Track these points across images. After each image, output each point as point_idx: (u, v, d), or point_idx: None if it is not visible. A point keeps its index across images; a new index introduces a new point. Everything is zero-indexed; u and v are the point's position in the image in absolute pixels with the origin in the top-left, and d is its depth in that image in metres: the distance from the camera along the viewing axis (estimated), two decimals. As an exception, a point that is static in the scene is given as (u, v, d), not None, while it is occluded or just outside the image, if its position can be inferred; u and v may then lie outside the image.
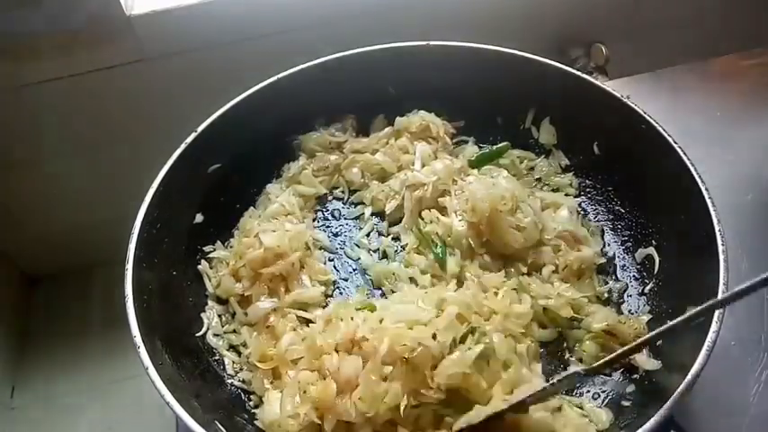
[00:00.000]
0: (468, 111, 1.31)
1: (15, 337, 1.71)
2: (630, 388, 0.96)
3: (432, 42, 1.23)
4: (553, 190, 1.24)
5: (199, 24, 1.35)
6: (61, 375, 1.67)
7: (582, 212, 1.20)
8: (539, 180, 1.26)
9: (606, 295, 1.08)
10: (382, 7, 1.46)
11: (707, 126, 1.42)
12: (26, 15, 1.22)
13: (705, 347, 0.83)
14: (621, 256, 1.14)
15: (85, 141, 1.51)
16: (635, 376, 0.97)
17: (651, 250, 1.10)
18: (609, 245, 1.16)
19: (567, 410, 0.92)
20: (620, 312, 1.06)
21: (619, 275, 1.12)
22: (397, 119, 1.28)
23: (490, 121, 1.31)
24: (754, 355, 1.08)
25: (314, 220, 1.23)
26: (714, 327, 0.84)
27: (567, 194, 1.22)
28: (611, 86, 1.17)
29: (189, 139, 1.10)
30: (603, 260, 1.12)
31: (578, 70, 1.21)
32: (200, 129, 1.11)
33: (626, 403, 0.94)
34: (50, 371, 1.67)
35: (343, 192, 1.26)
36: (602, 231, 1.18)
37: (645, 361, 0.97)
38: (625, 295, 1.09)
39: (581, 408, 0.94)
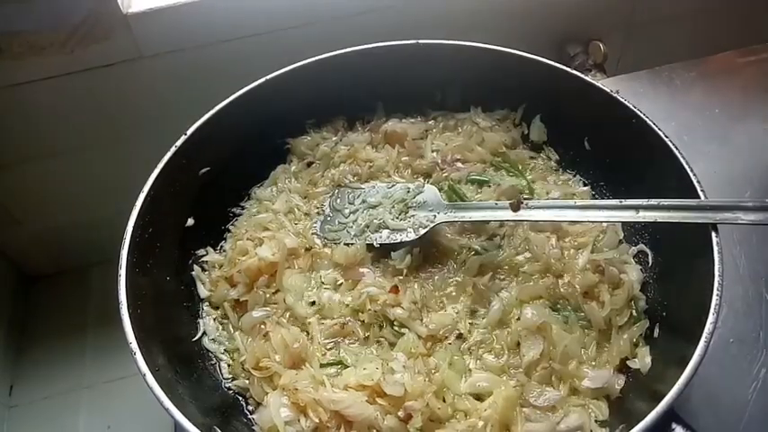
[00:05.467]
0: (458, 109, 1.32)
1: (13, 336, 1.70)
2: (629, 382, 0.97)
3: (421, 41, 1.23)
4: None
5: (196, 22, 1.35)
6: (59, 374, 1.66)
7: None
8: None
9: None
10: (378, 7, 1.45)
11: (705, 123, 1.42)
12: (22, 13, 1.21)
13: (703, 339, 0.83)
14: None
15: (82, 140, 1.50)
16: (632, 371, 0.98)
17: (642, 246, 1.11)
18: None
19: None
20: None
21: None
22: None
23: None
24: (753, 353, 1.08)
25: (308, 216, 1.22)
26: (711, 318, 0.84)
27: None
28: (608, 83, 1.17)
29: (178, 143, 1.10)
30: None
31: (576, 68, 1.21)
32: (189, 132, 1.11)
33: (621, 395, 0.95)
34: (49, 369, 1.67)
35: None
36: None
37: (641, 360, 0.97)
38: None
39: (579, 397, 0.96)
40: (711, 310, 0.85)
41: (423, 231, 1.10)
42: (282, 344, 0.99)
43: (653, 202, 0.96)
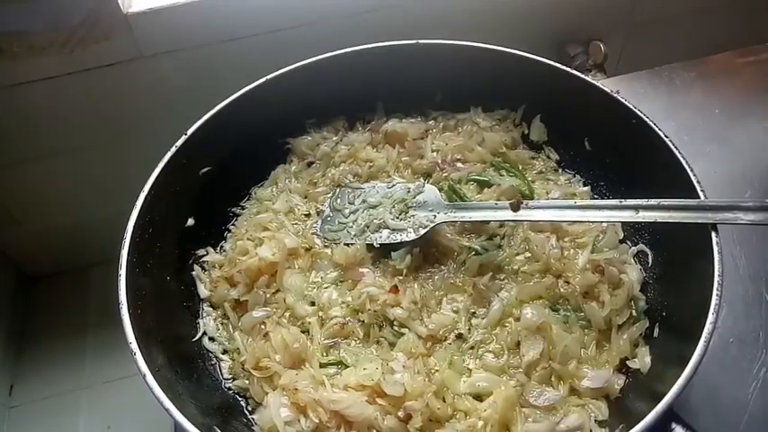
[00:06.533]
0: (459, 109, 1.32)
1: (13, 337, 1.70)
2: (629, 382, 0.97)
3: (421, 41, 1.23)
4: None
5: (196, 22, 1.35)
6: (59, 374, 1.66)
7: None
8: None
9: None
10: (379, 6, 1.45)
11: (705, 123, 1.42)
12: (22, 13, 1.22)
13: (703, 339, 0.83)
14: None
15: (82, 140, 1.51)
16: (632, 371, 0.98)
17: (642, 246, 1.11)
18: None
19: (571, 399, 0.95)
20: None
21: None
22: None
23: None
24: (753, 353, 1.08)
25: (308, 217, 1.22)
26: (711, 318, 0.85)
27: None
28: (608, 84, 1.17)
29: (179, 143, 1.10)
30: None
31: (577, 68, 1.21)
32: (189, 132, 1.11)
33: (621, 395, 0.96)
34: (48, 369, 1.67)
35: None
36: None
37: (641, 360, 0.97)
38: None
39: (579, 397, 0.95)
40: (711, 310, 0.85)
41: (423, 231, 1.10)
42: (282, 344, 0.99)
43: (653, 202, 0.96)
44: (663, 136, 1.04)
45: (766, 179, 1.32)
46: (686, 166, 1.00)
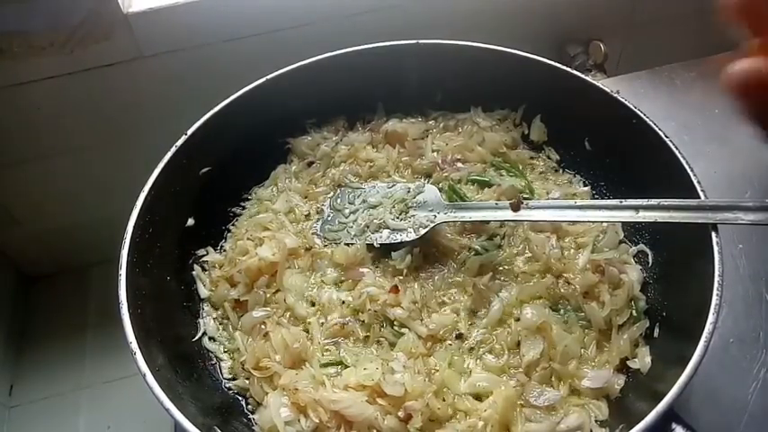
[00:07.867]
0: (459, 109, 1.32)
1: (13, 337, 1.70)
2: (629, 382, 0.97)
3: (421, 41, 1.23)
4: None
5: (196, 22, 1.35)
6: (59, 374, 1.66)
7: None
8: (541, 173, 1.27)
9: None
10: (379, 6, 1.45)
11: (705, 123, 1.42)
12: (22, 13, 1.22)
13: (703, 339, 0.83)
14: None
15: (82, 140, 1.51)
16: (632, 371, 0.98)
17: (642, 246, 1.11)
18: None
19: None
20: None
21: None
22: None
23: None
24: (753, 353, 1.08)
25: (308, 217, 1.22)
26: (711, 318, 0.85)
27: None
28: (608, 84, 1.17)
29: (179, 143, 1.10)
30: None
31: (577, 68, 1.21)
32: (189, 132, 1.11)
33: (621, 395, 0.96)
34: (48, 370, 1.67)
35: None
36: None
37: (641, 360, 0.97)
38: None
39: (579, 397, 0.96)
40: (711, 310, 0.85)
41: (423, 231, 1.10)
42: (282, 344, 0.99)
43: (653, 202, 0.96)
44: (663, 136, 1.04)
45: (766, 179, 1.32)
46: (686, 166, 1.00)
